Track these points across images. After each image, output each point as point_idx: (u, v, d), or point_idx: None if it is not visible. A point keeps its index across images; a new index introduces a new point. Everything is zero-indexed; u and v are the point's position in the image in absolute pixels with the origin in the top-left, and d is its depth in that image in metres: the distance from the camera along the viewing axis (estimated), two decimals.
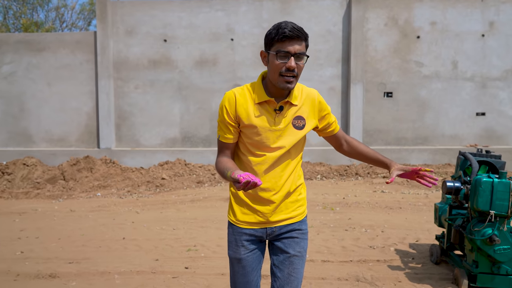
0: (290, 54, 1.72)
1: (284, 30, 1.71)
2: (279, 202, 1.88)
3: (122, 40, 9.61)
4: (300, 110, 1.86)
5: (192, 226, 5.23)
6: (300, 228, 1.94)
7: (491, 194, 2.99)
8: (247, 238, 1.90)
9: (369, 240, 4.59)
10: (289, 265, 1.90)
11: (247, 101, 1.83)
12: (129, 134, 9.78)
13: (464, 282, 3.23)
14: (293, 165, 1.89)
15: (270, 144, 1.83)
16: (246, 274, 1.91)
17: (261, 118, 1.82)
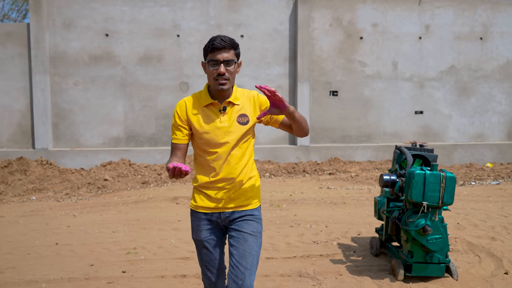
0: (220, 62, 2.06)
1: (213, 42, 2.07)
2: (234, 191, 2.15)
3: (59, 34, 9.03)
4: (243, 109, 2.15)
5: (134, 228, 5.00)
6: (252, 214, 2.18)
7: (423, 186, 3.10)
8: (206, 222, 2.18)
9: (313, 236, 4.63)
10: (243, 242, 2.11)
11: (196, 105, 2.16)
12: (68, 134, 9.22)
13: (400, 272, 3.33)
14: (245, 159, 2.17)
15: (219, 140, 2.10)
16: (209, 253, 2.20)
17: (209, 118, 2.13)
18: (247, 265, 2.07)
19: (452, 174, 3.15)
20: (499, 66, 9.96)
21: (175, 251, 4.16)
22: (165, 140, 9.42)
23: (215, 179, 2.13)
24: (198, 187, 2.20)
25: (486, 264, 3.78)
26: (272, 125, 2.25)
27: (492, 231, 4.70)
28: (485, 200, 6.20)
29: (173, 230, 4.90)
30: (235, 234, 2.14)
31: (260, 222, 2.19)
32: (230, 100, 2.13)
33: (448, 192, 3.11)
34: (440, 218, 3.26)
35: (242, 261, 2.07)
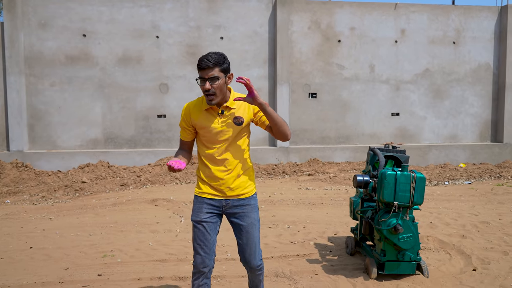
0: (205, 79, 2.34)
1: (199, 63, 2.35)
2: (232, 181, 2.49)
3: (34, 33, 8.86)
4: (238, 112, 2.48)
5: (111, 231, 4.95)
6: (249, 203, 2.54)
7: (394, 186, 3.20)
8: (208, 206, 2.48)
9: (291, 236, 4.69)
10: (245, 234, 2.51)
11: (198, 109, 2.50)
12: (45, 135, 9.05)
13: (374, 271, 3.42)
14: (241, 154, 2.51)
15: (218, 138, 2.46)
16: (204, 234, 2.46)
17: (209, 120, 2.47)
18: (251, 252, 2.53)
19: (422, 175, 3.26)
20: (471, 70, 10.29)
21: (152, 253, 4.15)
22: (144, 142, 9.35)
23: (214, 174, 2.48)
24: (201, 177, 2.54)
25: (456, 262, 3.91)
26: (260, 126, 2.57)
27: (463, 229, 4.86)
28: (457, 199, 6.41)
29: (151, 233, 4.88)
30: (238, 227, 2.53)
31: (257, 209, 2.57)
32: (227, 105, 2.47)
33: (418, 192, 3.22)
34: (411, 217, 3.36)
35: (247, 248, 2.53)
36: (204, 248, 2.45)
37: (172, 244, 4.43)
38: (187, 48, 9.33)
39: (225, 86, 2.39)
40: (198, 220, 2.47)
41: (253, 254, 2.53)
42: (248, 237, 2.51)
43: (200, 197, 2.50)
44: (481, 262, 3.87)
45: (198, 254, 2.46)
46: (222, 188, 2.48)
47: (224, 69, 2.36)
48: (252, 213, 2.52)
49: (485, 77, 10.37)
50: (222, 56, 2.36)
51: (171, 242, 4.51)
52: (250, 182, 2.55)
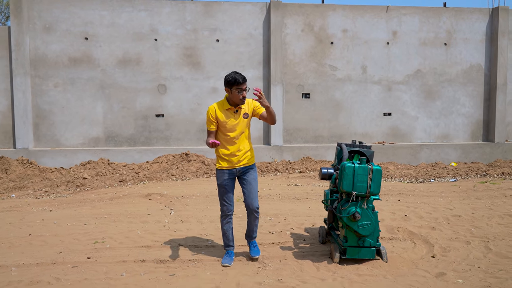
0: (242, 89, 3.72)
1: (237, 80, 3.68)
2: (241, 156, 3.85)
3: (39, 37, 9.31)
4: (245, 109, 3.84)
5: (104, 221, 5.32)
6: (252, 167, 3.94)
7: (353, 177, 3.51)
8: (226, 175, 3.85)
9: (270, 227, 5.02)
10: (249, 185, 3.87)
11: (220, 108, 3.82)
12: (49, 134, 9.49)
13: (336, 255, 3.73)
14: (246, 138, 3.89)
15: (232, 128, 3.80)
16: (226, 191, 3.86)
17: (227, 116, 3.80)
18: (253, 197, 3.86)
19: (379, 167, 3.56)
20: (463, 71, 10.51)
21: (139, 240, 4.51)
22: (143, 140, 9.74)
23: (230, 152, 3.82)
24: (221, 155, 3.86)
25: (419, 250, 4.21)
26: (255, 116, 3.88)
27: (435, 222, 5.15)
28: (437, 195, 6.67)
29: (142, 223, 5.24)
30: (244, 182, 3.88)
31: (256, 170, 3.96)
32: (240, 106, 3.81)
33: (374, 183, 3.53)
34: (370, 206, 3.67)
35: (250, 195, 3.86)
36: (227, 200, 3.84)
37: (159, 233, 4.79)
38: (184, 50, 9.70)
39: None
40: (221, 184, 3.85)
41: (254, 199, 3.85)
42: (251, 187, 3.85)
43: (221, 169, 3.87)
44: (443, 250, 4.16)
45: (224, 204, 3.86)
46: (235, 160, 3.82)
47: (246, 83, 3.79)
48: (253, 173, 3.91)
49: (476, 77, 10.58)
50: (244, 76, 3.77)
51: (158, 231, 4.87)
52: (252, 156, 3.93)
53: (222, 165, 3.84)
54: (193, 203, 6.38)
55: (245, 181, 3.86)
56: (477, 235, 4.59)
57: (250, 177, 3.84)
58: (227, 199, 3.84)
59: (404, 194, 6.69)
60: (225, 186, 3.81)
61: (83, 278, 3.46)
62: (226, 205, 3.84)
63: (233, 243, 3.97)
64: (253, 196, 3.83)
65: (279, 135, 9.89)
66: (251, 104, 3.85)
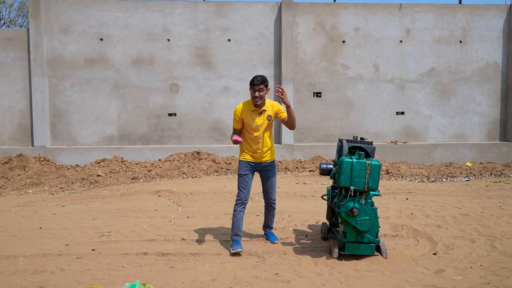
0: (256, 90, 4.02)
1: (253, 81, 4.01)
2: (263, 153, 4.19)
3: (56, 38, 9.59)
4: (269, 112, 4.14)
5: (112, 216, 5.46)
6: (272, 164, 4.29)
7: (351, 172, 3.51)
8: (248, 167, 4.20)
9: (275, 223, 5.04)
10: (270, 181, 4.28)
11: (245, 109, 4.14)
12: (65, 132, 9.76)
13: (335, 251, 3.74)
14: (269, 138, 4.22)
15: (256, 128, 4.12)
16: (246, 181, 4.18)
17: (252, 117, 4.12)
18: (272, 191, 4.32)
19: (377, 162, 3.55)
20: (479, 69, 10.29)
21: (144, 234, 4.61)
22: (156, 139, 9.91)
23: (254, 148, 4.18)
24: (245, 150, 4.22)
25: (421, 247, 4.16)
26: (278, 119, 4.20)
27: (441, 220, 5.07)
28: (447, 195, 6.56)
29: (148, 218, 5.35)
30: (265, 177, 4.27)
31: (276, 167, 4.42)
32: (264, 108, 4.13)
33: (373, 178, 3.52)
34: (369, 202, 3.66)
35: (270, 189, 4.31)
36: (245, 188, 4.16)
37: (164, 228, 4.88)
38: (196, 50, 9.83)
39: (265, 95, 4.06)
40: (242, 174, 4.18)
41: (273, 192, 4.34)
42: (270, 182, 4.29)
43: (244, 161, 4.22)
44: (446, 248, 4.10)
45: (241, 191, 4.16)
46: (258, 156, 4.18)
47: (266, 85, 4.04)
48: (274, 170, 4.29)
49: (493, 76, 10.34)
50: (265, 77, 4.04)
51: (163, 226, 4.96)
52: (273, 153, 4.28)
53: (245, 158, 4.20)
54: (200, 199, 6.46)
55: (265, 176, 4.25)
56: (483, 234, 4.51)
57: (270, 173, 4.23)
58: (245, 187, 4.15)
59: (413, 193, 6.60)
60: (245, 176, 4.16)
61: (86, 268, 3.57)
62: (243, 193, 4.14)
63: (241, 233, 4.18)
64: (272, 190, 4.30)
65: (290, 134, 9.89)
66: (276, 107, 4.18)
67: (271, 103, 4.19)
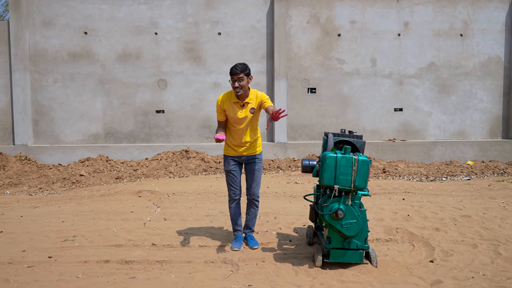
0: (234, 80, 3.73)
1: (231, 71, 3.73)
2: (247, 147, 3.91)
3: (39, 32, 9.18)
4: (252, 104, 3.83)
5: (84, 218, 5.04)
6: (257, 157, 3.97)
7: (335, 169, 3.08)
8: (233, 161, 3.95)
9: (257, 226, 4.61)
10: (253, 175, 3.94)
11: (228, 100, 3.85)
12: (48, 130, 9.35)
13: (319, 258, 3.31)
14: (253, 129, 3.93)
15: (239, 121, 3.82)
16: (234, 177, 3.95)
17: (234, 110, 3.83)
18: (255, 185, 3.94)
19: (366, 157, 3.12)
20: (480, 63, 9.84)
21: (112, 239, 4.19)
22: (143, 136, 9.49)
23: (237, 142, 3.87)
24: (228, 144, 3.94)
25: (417, 253, 3.73)
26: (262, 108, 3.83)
27: (440, 223, 4.64)
28: (447, 194, 6.12)
29: (122, 220, 4.93)
30: (249, 170, 3.96)
31: (261, 161, 4.00)
32: (247, 100, 3.82)
33: (360, 175, 3.09)
34: (357, 203, 3.23)
35: (253, 184, 3.94)
36: (234, 185, 3.94)
37: (136, 231, 4.46)
38: (185, 44, 9.41)
39: (247, 84, 3.74)
40: (228, 170, 3.94)
41: (256, 188, 3.96)
42: (255, 177, 3.93)
43: (228, 155, 3.95)
44: (444, 254, 3.67)
45: (231, 189, 3.96)
46: (240, 150, 3.88)
47: (246, 73, 3.74)
48: (259, 163, 3.96)
49: (495, 70, 9.89)
50: (245, 65, 3.74)
51: (136, 229, 4.54)
52: (258, 146, 3.96)
53: (228, 152, 3.95)
54: (182, 200, 6.04)
55: (249, 170, 3.96)
56: (486, 238, 4.08)
57: (254, 167, 3.93)
58: (233, 184, 3.93)
59: (410, 193, 6.17)
60: (231, 171, 3.92)
61: (34, 279, 3.15)
62: (232, 189, 3.94)
63: (242, 228, 4.03)
64: (255, 185, 3.94)
65: (283, 132, 9.47)
66: (260, 97, 3.84)
67: (255, 94, 3.87)
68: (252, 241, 3.96)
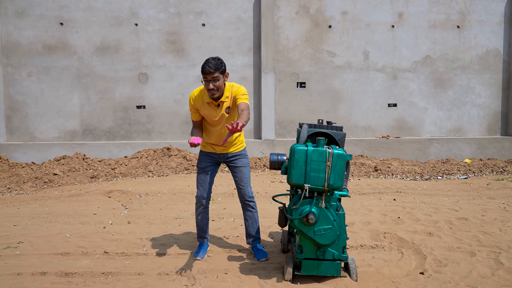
0: (209, 80, 3.12)
1: (203, 69, 3.10)
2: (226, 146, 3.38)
3: (11, 22, 8.65)
4: (227, 103, 3.28)
5: (38, 222, 4.54)
6: (241, 153, 3.45)
7: (305, 165, 2.58)
8: (208, 158, 3.44)
9: (230, 230, 4.13)
10: (239, 172, 3.41)
11: (200, 100, 3.30)
12: (22, 127, 8.82)
13: (288, 271, 2.81)
14: None
15: (215, 122, 3.31)
16: (205, 176, 3.41)
17: (208, 110, 3.29)
18: (245, 185, 3.42)
19: (342, 151, 2.63)
20: (478, 56, 9.36)
21: (61, 245, 3.68)
22: (123, 133, 8.97)
23: (213, 141, 3.39)
24: (206, 142, 3.44)
25: (406, 263, 3.24)
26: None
27: (433, 226, 4.15)
28: (442, 194, 5.63)
29: (80, 224, 4.43)
30: (234, 169, 3.43)
31: (247, 156, 3.47)
32: (222, 100, 3.25)
33: (336, 172, 2.59)
34: (334, 205, 2.73)
35: (241, 183, 3.41)
36: (203, 185, 3.40)
37: (91, 237, 3.96)
38: (167, 36, 8.89)
39: (223, 83, 3.18)
40: (201, 167, 3.43)
41: (247, 187, 3.42)
42: (242, 175, 3.40)
43: (204, 151, 3.46)
44: (437, 264, 3.18)
45: (199, 189, 3.42)
46: (219, 149, 3.38)
47: (222, 71, 3.15)
48: (244, 159, 3.44)
49: (493, 64, 9.41)
50: (219, 61, 3.14)
51: (92, 234, 4.04)
52: (240, 142, 3.46)
53: (206, 148, 3.46)
54: (154, 201, 5.54)
55: (234, 167, 3.42)
56: (485, 244, 3.59)
57: (239, 163, 3.41)
58: (202, 183, 3.40)
59: (402, 193, 5.67)
60: (204, 169, 3.40)
61: None
62: (200, 190, 3.41)
63: (207, 235, 3.56)
64: (245, 184, 3.40)
65: (270, 128, 8.97)
66: (234, 91, 3.25)
67: (230, 90, 3.26)
68: (258, 252, 3.33)
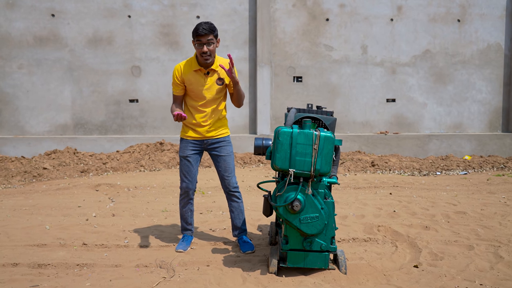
0: (203, 43, 2.95)
1: (197, 31, 2.94)
2: (209, 127, 3.16)
3: (2, 14, 8.48)
4: (220, 74, 3.11)
5: (20, 214, 4.36)
6: (224, 140, 3.24)
7: (290, 148, 2.40)
8: (191, 146, 3.19)
9: (217, 223, 3.95)
10: (223, 162, 3.20)
11: (188, 69, 3.10)
12: (12, 120, 8.65)
13: (273, 263, 2.63)
14: (218, 106, 3.18)
15: (203, 94, 3.10)
16: (189, 166, 3.20)
17: (196, 79, 3.09)
18: (229, 175, 3.21)
19: (330, 133, 2.45)
20: (479, 51, 9.17)
21: (38, 237, 3.51)
22: (116, 128, 8.80)
23: (197, 121, 3.14)
24: (187, 124, 3.19)
25: (400, 256, 3.06)
26: (228, 90, 3.20)
27: (430, 220, 3.97)
28: (440, 189, 5.45)
29: (62, 216, 4.25)
30: (217, 157, 3.21)
31: (231, 144, 3.26)
32: (212, 67, 3.07)
33: (322, 156, 2.41)
34: (321, 192, 2.55)
35: (226, 173, 3.20)
36: (188, 176, 3.20)
37: (72, 229, 3.78)
38: (161, 28, 8.71)
39: (215, 50, 3.01)
40: (184, 156, 3.21)
41: (231, 177, 3.21)
42: (226, 164, 3.19)
43: (185, 139, 3.22)
44: (433, 257, 3.00)
45: (184, 181, 3.23)
46: (202, 131, 3.15)
47: (215, 35, 3.00)
48: (228, 147, 3.22)
49: (495, 59, 9.22)
50: (213, 25, 3.01)
51: (73, 226, 3.86)
52: (224, 127, 3.26)
53: (186, 134, 3.21)
54: (142, 194, 5.36)
55: (216, 156, 3.20)
56: (484, 238, 3.41)
57: (222, 151, 3.18)
58: (187, 175, 3.19)
59: (399, 187, 5.49)
60: (187, 158, 3.18)
61: None
62: (185, 182, 3.21)
63: (192, 227, 3.36)
64: (229, 173, 3.19)
65: (266, 123, 8.78)
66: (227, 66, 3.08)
67: (222, 62, 3.12)
68: (244, 244, 3.17)
